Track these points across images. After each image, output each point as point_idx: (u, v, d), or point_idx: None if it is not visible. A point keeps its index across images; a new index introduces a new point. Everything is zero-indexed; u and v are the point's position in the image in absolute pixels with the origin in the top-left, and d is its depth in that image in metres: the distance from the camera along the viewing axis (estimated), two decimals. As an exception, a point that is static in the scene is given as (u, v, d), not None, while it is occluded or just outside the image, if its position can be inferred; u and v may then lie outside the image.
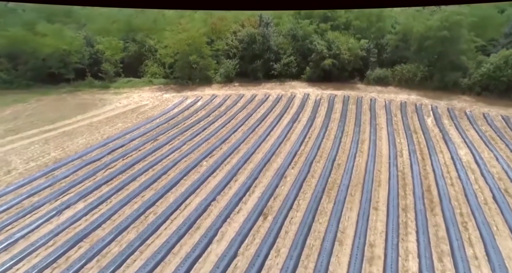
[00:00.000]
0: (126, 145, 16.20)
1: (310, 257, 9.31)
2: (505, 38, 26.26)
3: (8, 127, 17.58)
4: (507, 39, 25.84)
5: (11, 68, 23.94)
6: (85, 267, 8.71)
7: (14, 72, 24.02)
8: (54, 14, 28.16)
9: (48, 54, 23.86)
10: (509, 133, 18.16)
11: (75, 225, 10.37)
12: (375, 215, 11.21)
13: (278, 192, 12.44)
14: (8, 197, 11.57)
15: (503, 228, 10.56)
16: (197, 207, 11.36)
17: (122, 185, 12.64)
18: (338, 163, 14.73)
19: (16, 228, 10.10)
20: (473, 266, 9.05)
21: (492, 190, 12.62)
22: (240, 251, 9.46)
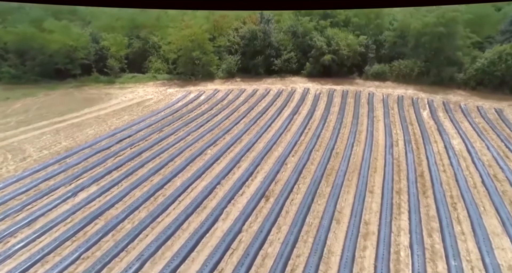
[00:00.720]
0: (133, 136, 16.91)
1: (309, 233, 10.03)
2: (501, 35, 26.90)
3: (20, 119, 18.30)
4: (503, 36, 26.48)
5: (19, 64, 24.65)
6: (101, 240, 9.44)
7: (22, 68, 24.73)
8: (60, 12, 28.86)
9: (55, 50, 24.57)
10: (501, 124, 18.86)
11: (90, 205, 11.10)
12: (371, 197, 11.93)
13: (279, 177, 13.16)
14: (26, 181, 12.30)
15: (489, 208, 11.28)
16: (203, 189, 12.10)
17: (131, 170, 13.36)
18: (337, 151, 15.45)
19: (35, 207, 10.84)
20: (459, 240, 9.78)
21: (481, 176, 13.34)
22: (244, 228, 10.19)
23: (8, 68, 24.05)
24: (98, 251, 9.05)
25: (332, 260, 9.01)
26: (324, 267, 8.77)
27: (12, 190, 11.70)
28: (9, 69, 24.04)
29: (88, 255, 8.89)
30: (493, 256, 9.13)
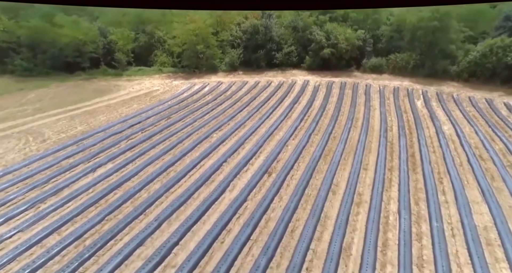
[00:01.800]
0: (143, 122, 17.98)
1: (308, 201, 11.12)
2: (495, 31, 27.88)
3: (36, 107, 19.39)
4: (497, 32, 27.45)
5: (31, 57, 25.71)
6: (122, 206, 10.54)
7: (34, 61, 25.78)
8: (69, 7, 29.89)
9: (65, 44, 25.63)
10: (490, 113, 19.92)
11: (108, 178, 12.19)
12: (365, 174, 13.02)
13: (280, 157, 14.25)
14: (48, 159, 13.39)
15: (472, 182, 12.37)
16: (211, 166, 13.19)
17: (143, 151, 14.45)
18: (334, 136, 16.53)
19: (59, 180, 11.93)
20: (443, 207, 10.87)
21: (468, 155, 14.41)
22: (249, 197, 11.28)
23: (21, 61, 25.11)
24: (119, 214, 10.15)
25: (328, 223, 10.10)
26: (321, 228, 9.86)
27: (36, 166, 12.80)
28: (21, 62, 25.10)
29: (111, 217, 10.00)
30: (471, 219, 10.22)
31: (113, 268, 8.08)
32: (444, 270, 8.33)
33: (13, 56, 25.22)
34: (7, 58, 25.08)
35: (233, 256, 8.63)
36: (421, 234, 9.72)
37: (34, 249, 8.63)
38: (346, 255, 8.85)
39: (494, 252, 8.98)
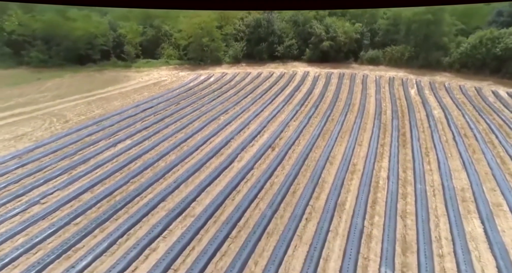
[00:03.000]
0: (155, 107, 19.36)
1: (307, 170, 12.52)
2: (488, 25, 29.17)
3: (54, 94, 20.78)
4: (490, 26, 28.77)
5: (45, 49, 27.09)
6: (143, 172, 11.95)
7: (48, 53, 27.17)
8: (79, 3, 31.20)
9: (77, 37, 27.02)
10: (478, 99, 21.30)
11: (128, 152, 13.60)
12: (359, 148, 14.42)
13: (282, 135, 15.65)
14: (73, 136, 14.79)
15: (455, 154, 13.77)
16: (219, 142, 14.60)
17: (157, 130, 15.85)
18: (332, 118, 17.92)
19: (86, 153, 13.34)
20: (427, 174, 12.26)
21: (453, 134, 15.80)
22: (255, 166, 12.69)
23: (36, 53, 26.49)
24: (142, 178, 11.56)
25: (325, 186, 11.50)
26: (318, 189, 11.27)
27: (63, 141, 14.20)
28: (37, 54, 26.48)
29: (135, 180, 11.41)
30: (451, 182, 11.63)
31: (141, 216, 9.49)
32: (424, 219, 9.73)
33: (29, 48, 26.58)
34: (23, 50, 26.45)
35: (243, 209, 10.03)
36: (406, 194, 11.12)
37: (73, 202, 10.05)
38: (340, 209, 10.25)
39: (468, 206, 10.39)
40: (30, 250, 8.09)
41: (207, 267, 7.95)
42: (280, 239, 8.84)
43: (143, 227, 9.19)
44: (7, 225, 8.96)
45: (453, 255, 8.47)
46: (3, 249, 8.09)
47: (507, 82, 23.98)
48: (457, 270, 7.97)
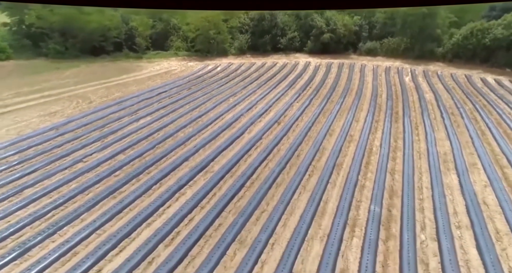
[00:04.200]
0: (168, 91, 21.00)
1: (310, 140, 14.20)
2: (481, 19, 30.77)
3: (75, 80, 22.46)
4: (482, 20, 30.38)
5: (62, 41, 28.76)
6: (166, 141, 13.65)
7: (65, 45, 28.82)
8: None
9: (92, 29, 28.67)
10: (467, 85, 22.96)
11: (150, 126, 15.29)
12: (356, 123, 16.11)
13: (287, 113, 17.34)
14: (99, 113, 16.48)
15: (441, 128, 15.45)
16: (231, 118, 16.30)
17: (173, 109, 17.53)
18: (332, 100, 19.61)
19: (113, 126, 15.02)
20: (415, 143, 13.95)
21: (441, 113, 17.47)
22: (263, 137, 14.37)
23: (54, 45, 28.14)
24: (166, 145, 13.27)
25: (325, 151, 13.19)
26: (319, 154, 12.95)
27: (91, 117, 15.89)
28: (54, 46, 28.12)
29: (160, 146, 13.12)
30: (435, 148, 13.32)
31: (169, 170, 11.20)
32: (409, 174, 11.42)
33: (47, 40, 28.24)
34: (42, 42, 28.11)
35: (255, 167, 11.73)
36: (396, 157, 12.82)
37: (110, 161, 11.76)
38: (338, 168, 11.95)
39: (447, 165, 12.09)
40: (83, 192, 9.80)
41: (227, 205, 9.65)
42: (287, 188, 10.54)
43: (172, 178, 10.90)
44: (59, 176, 10.67)
45: (431, 198, 10.16)
46: (61, 191, 9.80)
47: (495, 71, 25.64)
48: (433, 208, 9.67)
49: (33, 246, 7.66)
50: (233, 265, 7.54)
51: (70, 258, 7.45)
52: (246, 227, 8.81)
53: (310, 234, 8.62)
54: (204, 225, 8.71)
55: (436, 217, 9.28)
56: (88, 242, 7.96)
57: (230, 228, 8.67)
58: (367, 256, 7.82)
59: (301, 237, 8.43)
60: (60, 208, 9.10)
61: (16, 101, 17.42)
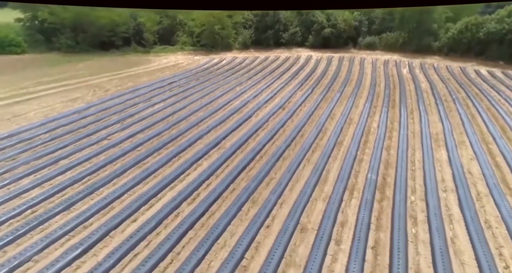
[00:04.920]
0: (177, 81, 22.17)
1: (312, 122, 15.38)
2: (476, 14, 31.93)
3: (89, 72, 23.65)
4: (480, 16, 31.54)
5: (73, 36, 29.96)
6: (180, 123, 14.84)
7: (76, 40, 30.03)
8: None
9: (102, 25, 29.86)
10: (462, 76, 24.14)
11: (165, 110, 16.46)
12: (355, 109, 17.30)
13: (291, 100, 18.53)
14: (116, 100, 17.66)
15: (435, 113, 16.64)
16: (238, 104, 17.49)
17: (185, 96, 18.70)
18: (333, 89, 20.79)
19: (130, 110, 16.19)
20: (409, 124, 15.15)
21: (436, 100, 18.66)
22: (269, 120, 15.55)
23: (65, 40, 29.35)
24: (180, 126, 14.46)
25: (327, 132, 14.37)
26: (321, 134, 14.14)
27: (109, 103, 17.07)
28: (66, 41, 29.34)
29: (175, 127, 14.31)
30: (428, 129, 14.52)
31: (186, 146, 12.40)
32: (403, 150, 12.61)
33: (59, 35, 29.44)
34: (54, 37, 29.31)
35: (263, 144, 12.91)
36: (392, 136, 14.01)
37: (131, 139, 12.96)
38: (339, 145, 13.14)
39: (438, 143, 13.28)
40: (111, 162, 11.00)
41: (240, 174, 10.85)
42: (293, 161, 11.73)
43: (189, 153, 12.11)
44: (88, 150, 11.87)
45: (422, 169, 11.36)
46: (92, 162, 11.00)
47: (489, 63, 26.81)
48: (423, 176, 10.86)
49: (76, 202, 8.86)
50: (247, 218, 8.73)
51: (108, 211, 8.65)
52: (258, 190, 10.00)
53: (313, 196, 9.81)
54: (220, 189, 9.90)
55: (425, 183, 10.48)
56: (122, 200, 9.16)
57: (243, 191, 9.86)
58: (364, 212, 9.02)
59: (306, 198, 9.62)
60: (93, 174, 10.31)
61: (38, 89, 18.61)
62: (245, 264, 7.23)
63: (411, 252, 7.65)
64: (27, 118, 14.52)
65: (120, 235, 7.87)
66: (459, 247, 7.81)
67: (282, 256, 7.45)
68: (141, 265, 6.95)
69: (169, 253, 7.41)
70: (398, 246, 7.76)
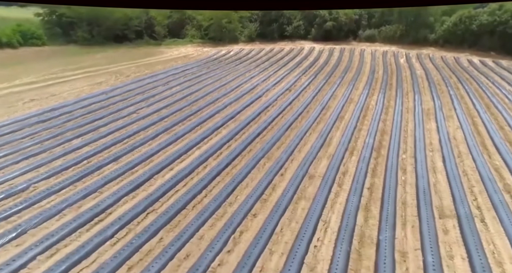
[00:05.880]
0: (190, 69, 23.84)
1: (317, 101, 17.09)
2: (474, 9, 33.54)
3: (107, 61, 25.38)
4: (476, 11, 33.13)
5: (89, 30, 31.71)
6: (197, 101, 16.57)
7: (91, 33, 31.78)
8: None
9: (116, 19, 31.59)
10: (455, 64, 25.82)
11: (182, 92, 18.15)
12: (355, 91, 18.99)
13: (296, 83, 20.23)
14: (137, 83, 19.34)
15: (427, 93, 18.35)
16: (249, 86, 19.21)
17: (199, 81, 20.39)
18: (335, 75, 22.49)
19: (151, 92, 17.90)
20: (404, 102, 16.84)
21: (429, 83, 20.34)
22: (278, 99, 17.27)
23: (82, 33, 31.11)
24: (198, 104, 16.17)
25: (330, 109, 16.08)
26: (325, 110, 15.85)
27: (131, 86, 18.77)
28: (82, 34, 31.10)
29: (194, 105, 16.02)
30: (420, 106, 16.23)
31: (206, 118, 14.14)
32: (397, 122, 14.32)
33: (76, 29, 31.20)
34: (71, 30, 31.07)
35: (273, 117, 14.63)
36: (388, 112, 15.71)
37: (157, 113, 14.68)
38: (341, 119, 14.84)
39: (429, 116, 14.99)
40: (144, 129, 12.77)
41: (255, 139, 12.57)
42: (300, 130, 13.44)
43: (209, 123, 13.84)
44: (121, 121, 13.60)
45: (413, 136, 13.06)
46: (127, 129, 12.75)
47: (481, 53, 28.47)
48: (414, 140, 12.58)
49: (121, 156, 10.59)
50: (264, 169, 10.45)
51: (148, 163, 10.39)
52: (271, 151, 11.72)
53: (319, 155, 11.52)
54: (239, 149, 11.63)
55: (415, 145, 12.20)
56: (159, 155, 10.90)
57: (259, 151, 11.58)
58: (362, 164, 10.73)
59: (313, 156, 11.33)
60: (130, 138, 12.05)
61: (66, 75, 20.36)
62: (265, 198, 8.96)
63: (399, 191, 9.36)
64: (62, 97, 16.27)
65: (161, 178, 9.62)
66: (439, 188, 9.52)
67: (294, 193, 9.17)
68: (182, 196, 8.69)
69: (203, 190, 9.15)
70: (389, 186, 9.48)
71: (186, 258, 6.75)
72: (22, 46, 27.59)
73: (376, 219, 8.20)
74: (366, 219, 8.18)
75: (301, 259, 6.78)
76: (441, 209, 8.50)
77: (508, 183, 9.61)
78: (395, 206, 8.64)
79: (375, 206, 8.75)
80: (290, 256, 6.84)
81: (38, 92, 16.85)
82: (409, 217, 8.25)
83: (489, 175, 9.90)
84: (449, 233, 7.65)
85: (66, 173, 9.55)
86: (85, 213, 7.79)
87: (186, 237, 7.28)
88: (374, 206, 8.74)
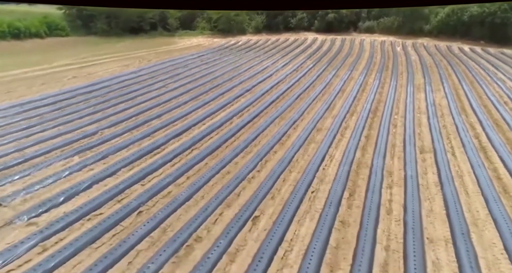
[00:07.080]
0: (204, 55, 26.09)
1: (321, 79, 19.34)
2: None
3: (128, 49, 27.64)
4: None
5: (107, 22, 33.97)
6: (216, 78, 18.86)
7: (109, 25, 34.04)
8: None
9: (132, 11, 33.83)
10: (447, 51, 28.04)
11: (201, 72, 20.42)
12: (355, 72, 21.25)
13: (302, 66, 22.47)
14: (160, 66, 21.59)
15: (420, 74, 20.62)
16: (260, 68, 21.50)
17: (213, 64, 22.66)
18: (336, 59, 24.73)
19: (173, 73, 20.17)
20: (399, 80, 19.11)
21: (422, 67, 22.57)
22: (286, 77, 19.55)
23: (101, 25, 33.38)
24: (217, 80, 18.46)
25: (332, 86, 18.33)
26: (328, 86, 18.13)
27: (155, 68, 21.01)
28: (101, 26, 33.37)
29: (213, 81, 18.32)
30: (412, 82, 18.49)
31: (226, 90, 16.48)
32: (391, 93, 16.58)
33: (95, 21, 33.48)
34: (91, 22, 33.35)
35: (283, 91, 16.92)
36: (383, 86, 17.99)
37: (183, 87, 16.98)
38: (342, 92, 17.12)
39: (419, 89, 17.27)
40: (176, 97, 15.07)
41: (269, 105, 14.84)
42: (307, 99, 15.70)
43: (229, 94, 16.14)
44: (154, 92, 15.89)
45: (404, 103, 15.33)
46: (161, 98, 15.05)
47: (472, 42, 30.68)
48: (405, 106, 14.84)
49: (162, 115, 12.92)
50: (280, 125, 12.71)
51: (185, 120, 12.69)
52: (284, 113, 13.98)
53: (324, 116, 13.79)
54: (258, 111, 13.91)
55: (406, 109, 14.47)
56: (191, 115, 13.22)
57: (274, 113, 13.85)
58: (360, 121, 12.99)
59: (320, 116, 13.59)
60: (166, 103, 14.37)
61: (95, 59, 22.67)
62: (282, 142, 11.24)
63: (390, 138, 11.64)
64: (98, 75, 18.57)
65: (198, 129, 11.93)
66: (422, 136, 11.80)
67: (306, 139, 11.45)
68: (217, 140, 10.99)
69: (232, 137, 11.43)
70: (382, 135, 11.76)
71: (228, 173, 9.05)
72: (48, 36, 29.86)
73: (370, 154, 10.48)
74: (363, 154, 10.46)
75: (313, 174, 9.06)
76: (422, 148, 10.80)
77: (478, 132, 11.91)
78: (386, 146, 10.92)
79: (370, 147, 11.02)
80: (305, 173, 9.12)
81: (76, 71, 19.15)
82: (397, 153, 10.54)
83: (463, 127, 12.19)
84: (426, 161, 9.94)
85: (121, 125, 11.86)
86: (146, 147, 10.11)
87: (225, 162, 9.59)
88: (369, 147, 11.02)
